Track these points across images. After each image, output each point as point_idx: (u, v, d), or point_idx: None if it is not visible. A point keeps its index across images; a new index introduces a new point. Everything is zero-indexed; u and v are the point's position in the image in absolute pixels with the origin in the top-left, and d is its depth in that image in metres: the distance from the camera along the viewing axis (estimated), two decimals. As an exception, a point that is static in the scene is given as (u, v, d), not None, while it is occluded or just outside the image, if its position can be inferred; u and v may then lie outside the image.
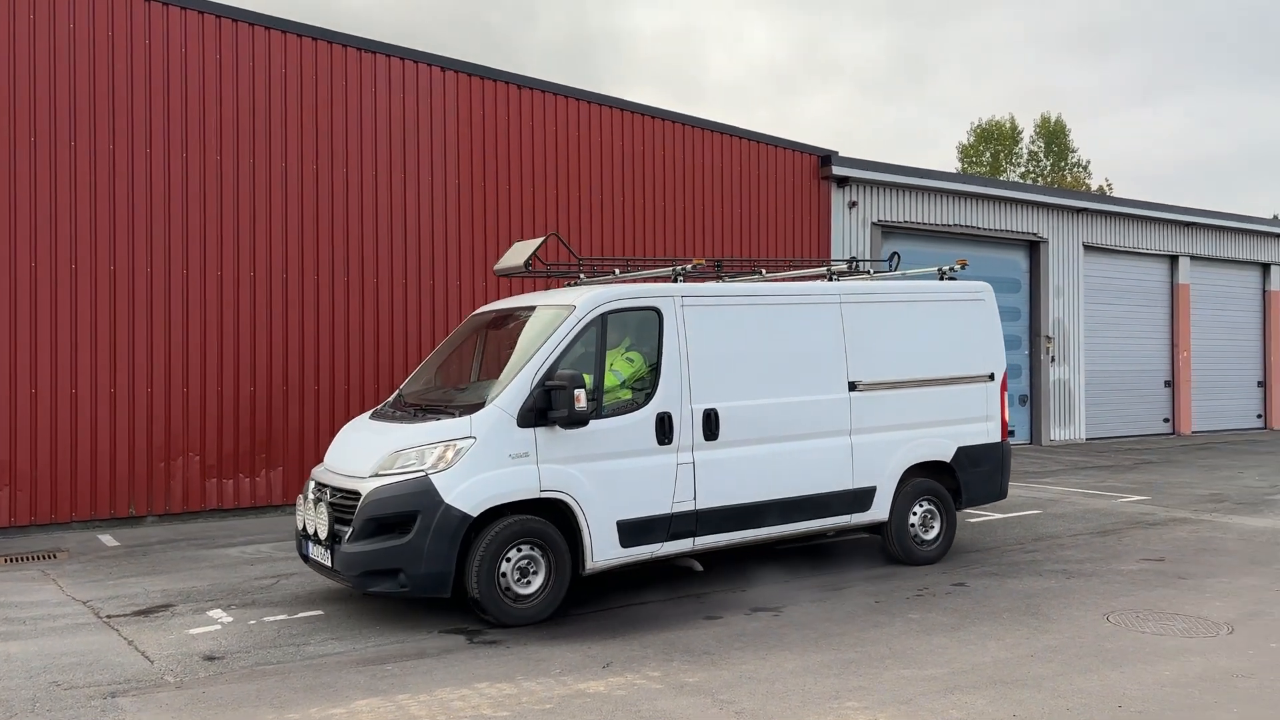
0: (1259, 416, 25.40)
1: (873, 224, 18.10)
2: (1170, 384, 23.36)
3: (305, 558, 7.62)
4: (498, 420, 7.04)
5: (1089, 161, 56.13)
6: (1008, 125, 55.02)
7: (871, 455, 8.68)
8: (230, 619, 7.34)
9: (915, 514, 9.07)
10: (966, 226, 19.57)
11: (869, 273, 9.98)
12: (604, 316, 7.59)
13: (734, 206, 16.21)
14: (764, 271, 9.88)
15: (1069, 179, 51.95)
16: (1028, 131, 55.58)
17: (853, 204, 17.73)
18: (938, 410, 9.17)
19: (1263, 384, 25.48)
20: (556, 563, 7.15)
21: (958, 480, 9.27)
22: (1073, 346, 21.20)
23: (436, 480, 6.84)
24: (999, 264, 20.55)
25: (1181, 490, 13.79)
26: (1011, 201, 20.37)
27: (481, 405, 7.14)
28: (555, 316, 7.61)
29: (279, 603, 7.80)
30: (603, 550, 7.32)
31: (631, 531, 7.44)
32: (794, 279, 9.67)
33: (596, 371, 7.44)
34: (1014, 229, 20.36)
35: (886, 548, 9.07)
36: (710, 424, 7.80)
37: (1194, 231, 23.65)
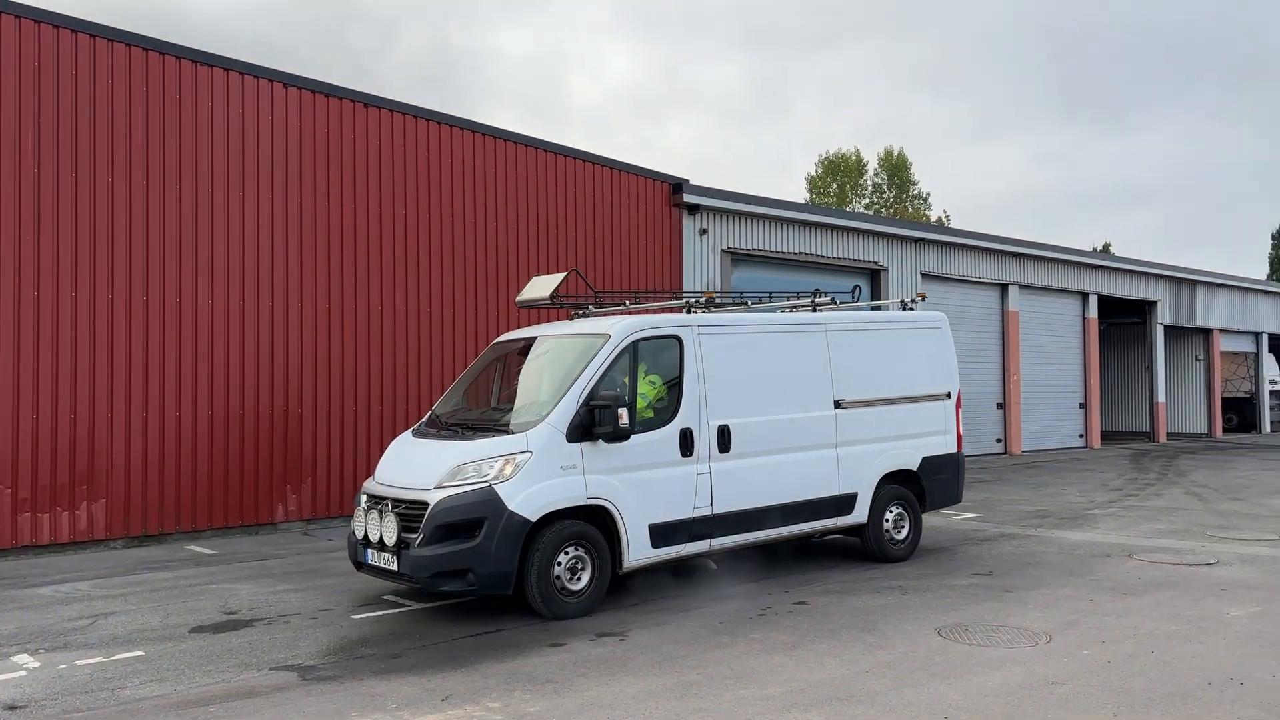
0: (1080, 436, 27.11)
1: (723, 251, 18.48)
2: (1002, 406, 24.66)
3: (360, 564, 8.31)
4: (550, 436, 7.92)
5: (929, 194, 59.08)
6: (853, 158, 57.33)
7: (853, 465, 9.83)
8: (37, 664, 6.82)
9: (889, 517, 10.21)
10: (812, 254, 20.23)
11: (834, 301, 10.99)
12: (635, 344, 8.56)
13: (588, 231, 16.28)
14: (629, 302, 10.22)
15: (910, 210, 54.48)
16: (872, 164, 58.07)
17: (703, 231, 18.07)
18: (906, 424, 10.38)
19: (1084, 405, 27.23)
20: (599, 562, 8.09)
21: (923, 486, 10.48)
22: (912, 370, 22.11)
23: (500, 490, 7.67)
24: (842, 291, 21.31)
25: (1011, 507, 14.52)
26: (854, 231, 21.18)
27: (534, 423, 8.00)
28: (591, 344, 8.51)
29: (95, 645, 7.30)
30: (637, 550, 8.29)
31: (660, 534, 8.42)
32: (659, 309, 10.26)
33: (630, 392, 8.37)
34: (857, 257, 21.16)
35: (865, 548, 10.18)
36: (724, 438, 8.81)
37: (1022, 261, 25.13)
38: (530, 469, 7.77)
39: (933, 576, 9.45)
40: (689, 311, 9.46)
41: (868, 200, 56.82)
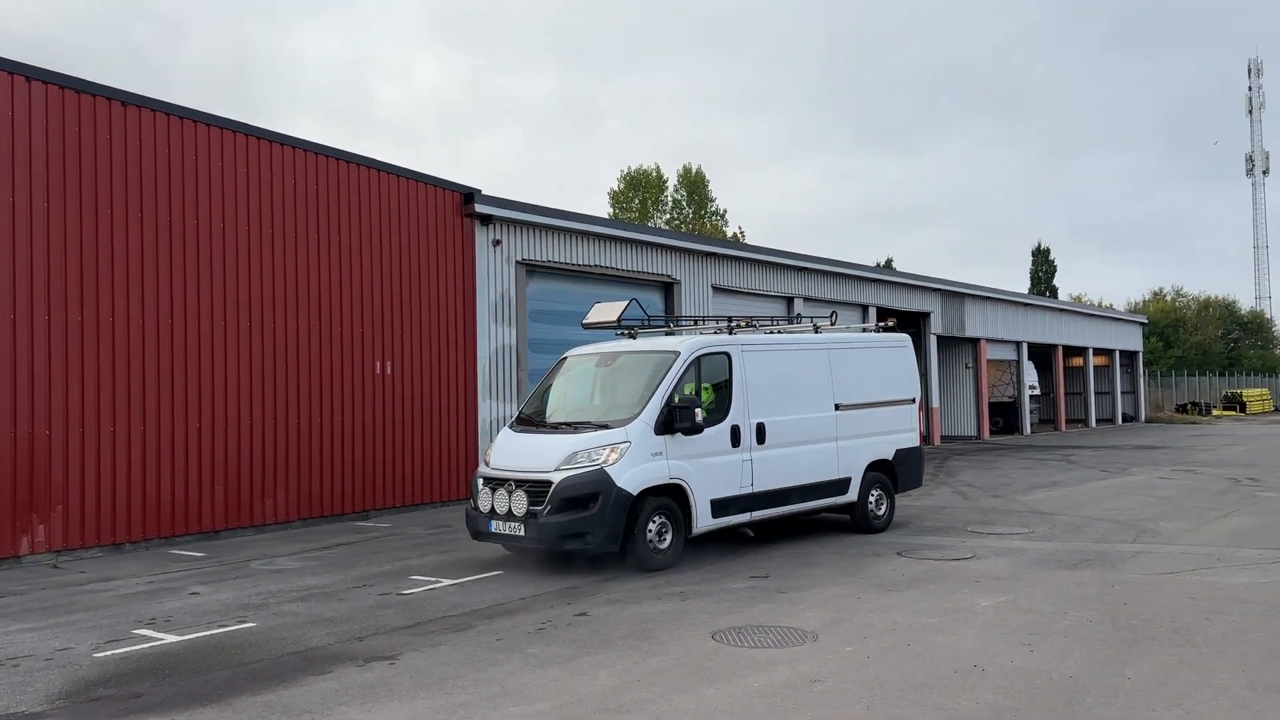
0: (864, 441, 28.48)
1: (517, 262, 18.32)
2: (791, 414, 25.58)
3: (480, 533, 10.39)
4: (643, 430, 10.13)
5: (726, 210, 60.92)
6: (654, 174, 58.44)
7: (848, 455, 12.30)
8: None
9: (872, 497, 12.63)
10: (607, 267, 20.37)
11: (816, 327, 13.09)
12: (699, 358, 10.89)
13: (376, 240, 15.76)
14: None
15: (709, 226, 56.02)
16: (673, 181, 59.39)
17: (497, 242, 17.85)
18: (883, 423, 12.90)
19: (867, 412, 28.61)
20: (677, 528, 10.32)
21: (895, 473, 13.03)
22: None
23: (610, 471, 9.82)
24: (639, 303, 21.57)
25: (794, 510, 15.00)
26: (649, 245, 21.48)
27: (629, 420, 10.18)
28: (666, 359, 10.79)
29: None
30: (703, 520, 10.58)
31: (718, 507, 10.74)
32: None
33: (696, 396, 10.65)
34: (652, 270, 21.47)
35: (855, 522, 12.54)
36: (761, 432, 11.18)
37: (808, 275, 26.22)
38: (630, 455, 9.97)
39: (713, 581, 9.59)
40: (731, 333, 11.98)
41: (668, 216, 58.06)
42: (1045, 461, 23.42)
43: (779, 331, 13.15)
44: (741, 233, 56.91)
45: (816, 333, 12.84)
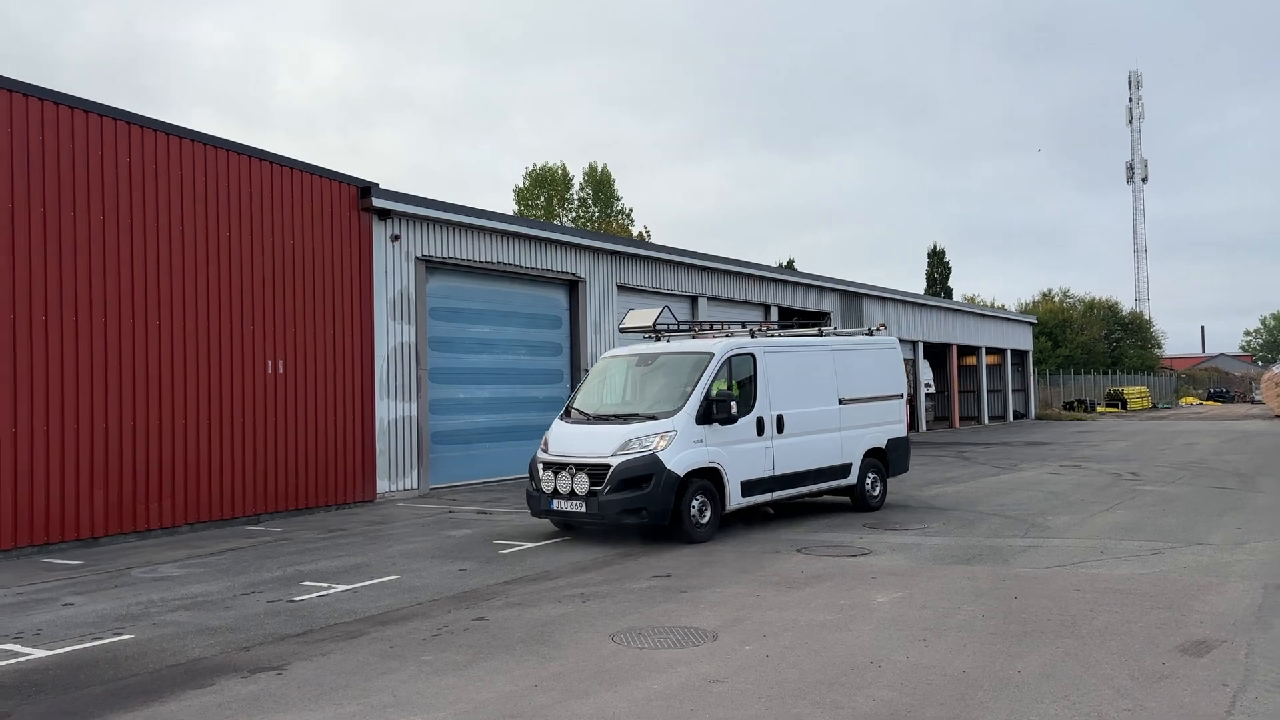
0: (767, 439, 28.80)
1: (417, 259, 17.95)
2: (695, 412, 25.71)
3: (542, 511, 12.00)
4: (686, 421, 11.69)
5: (631, 210, 61.01)
6: (560, 172, 58.13)
7: (850, 444, 14.03)
8: None
9: (869, 481, 14.28)
10: (512, 265, 20.12)
11: (820, 331, 15.13)
12: (730, 358, 12.49)
13: (268, 235, 15.24)
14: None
15: (614, 225, 55.98)
16: (578, 179, 59.16)
17: (395, 237, 17.46)
18: (877, 415, 14.60)
19: (769, 410, 28.96)
20: (713, 505, 11.84)
21: (887, 459, 14.71)
22: (610, 379, 22.56)
23: (661, 455, 11.35)
24: (541, 301, 21.39)
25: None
26: (554, 243, 21.30)
27: (674, 412, 11.74)
28: (702, 359, 12.33)
29: None
30: (734, 499, 12.16)
31: (747, 488, 12.34)
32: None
33: (741, 390, 12.44)
34: (555, 268, 21.30)
35: (854, 502, 14.26)
36: (780, 423, 12.83)
37: (712, 275, 26.37)
38: (676, 442, 11.51)
39: (614, 581, 9.51)
40: (753, 336, 13.64)
41: (574, 214, 57.84)
42: (941, 458, 24.01)
43: (792, 335, 15.03)
44: (647, 232, 57.05)
45: (821, 336, 14.85)
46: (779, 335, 14.41)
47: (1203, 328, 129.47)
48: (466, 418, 19.43)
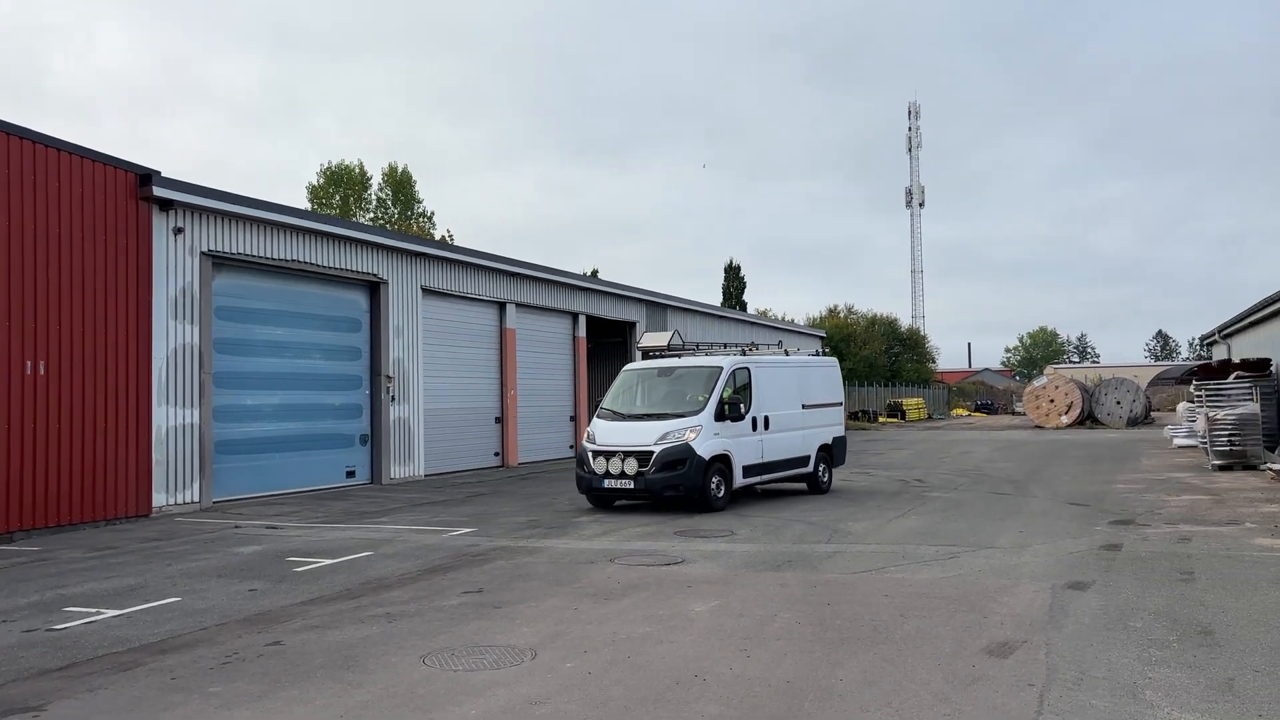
0: (571, 446, 28.68)
1: (203, 254, 16.66)
2: (500, 420, 25.25)
3: (593, 488, 15.33)
4: (708, 418, 15.08)
5: (433, 213, 59.64)
6: (357, 170, 56.10)
7: (809, 440, 17.62)
8: None
9: (821, 469, 17.92)
10: (309, 264, 19.04)
11: (786, 352, 18.74)
12: (734, 370, 15.93)
13: (29, 222, 13.71)
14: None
15: (415, 228, 54.50)
16: (377, 179, 57.28)
17: (178, 230, 16.13)
18: (826, 419, 18.40)
19: (574, 418, 28.86)
20: (726, 483, 15.26)
21: (833, 453, 18.47)
22: (412, 385, 21.79)
23: (692, 444, 14.76)
24: (340, 303, 20.38)
25: (505, 519, 14.65)
26: (355, 241, 20.34)
27: (698, 411, 15.13)
28: (715, 370, 15.77)
29: None
30: (738, 479, 15.56)
31: (747, 471, 15.78)
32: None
33: (738, 396, 15.77)
34: (356, 269, 20.34)
35: (810, 487, 17.79)
36: (767, 422, 16.29)
37: (520, 281, 25.99)
38: (702, 434, 14.89)
39: (423, 599, 9.00)
40: (744, 354, 17.18)
41: (372, 215, 55.94)
42: (741, 466, 24.53)
43: (769, 354, 18.36)
44: (450, 236, 55.89)
45: (788, 356, 18.33)
46: (761, 354, 17.82)
47: (969, 344, 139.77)
48: (255, 425, 18.19)
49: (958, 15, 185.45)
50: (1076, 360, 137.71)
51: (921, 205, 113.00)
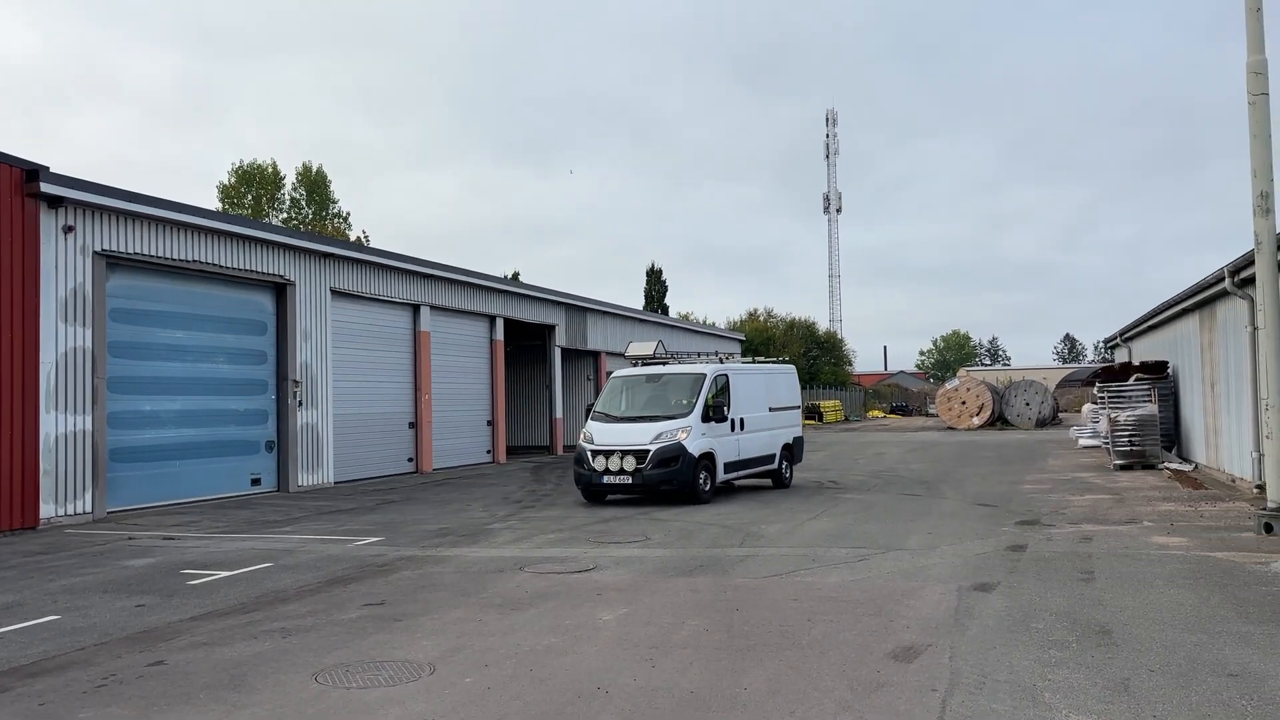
0: (488, 452, 28.31)
1: (96, 254, 15.94)
2: (414, 425, 24.75)
3: (591, 485, 16.84)
4: (695, 420, 16.71)
5: (349, 214, 58.45)
6: (270, 169, 54.76)
7: (774, 440, 19.35)
8: None
9: (784, 466, 19.65)
10: (211, 265, 18.39)
11: (754, 359, 22.34)
12: (715, 376, 17.58)
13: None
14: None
15: (330, 229, 53.37)
16: (291, 179, 55.94)
17: (68, 229, 15.40)
18: (788, 420, 20.24)
19: (491, 423, 28.48)
20: (711, 478, 16.92)
21: (793, 452, 20.27)
22: (321, 390, 21.22)
23: (684, 443, 16.42)
24: (245, 305, 19.75)
25: (416, 527, 14.29)
26: (259, 242, 19.71)
27: (687, 414, 16.77)
28: (699, 377, 17.49)
29: None
30: (721, 475, 17.25)
31: (728, 468, 17.52)
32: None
33: (720, 400, 17.48)
34: (261, 270, 19.72)
35: (775, 482, 19.49)
36: (742, 424, 18.02)
37: (435, 283, 25.54)
38: (692, 434, 16.49)
39: (320, 613, 8.66)
40: (721, 362, 18.66)
41: (286, 215, 54.64)
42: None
43: (742, 362, 21.15)
44: (366, 237, 54.87)
45: (755, 363, 20.92)
46: (735, 362, 19.87)
47: (885, 347, 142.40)
48: (154, 433, 17.49)
49: (874, 25, 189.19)
50: (988, 363, 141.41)
51: (839, 211, 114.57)
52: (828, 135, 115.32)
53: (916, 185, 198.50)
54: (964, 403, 49.90)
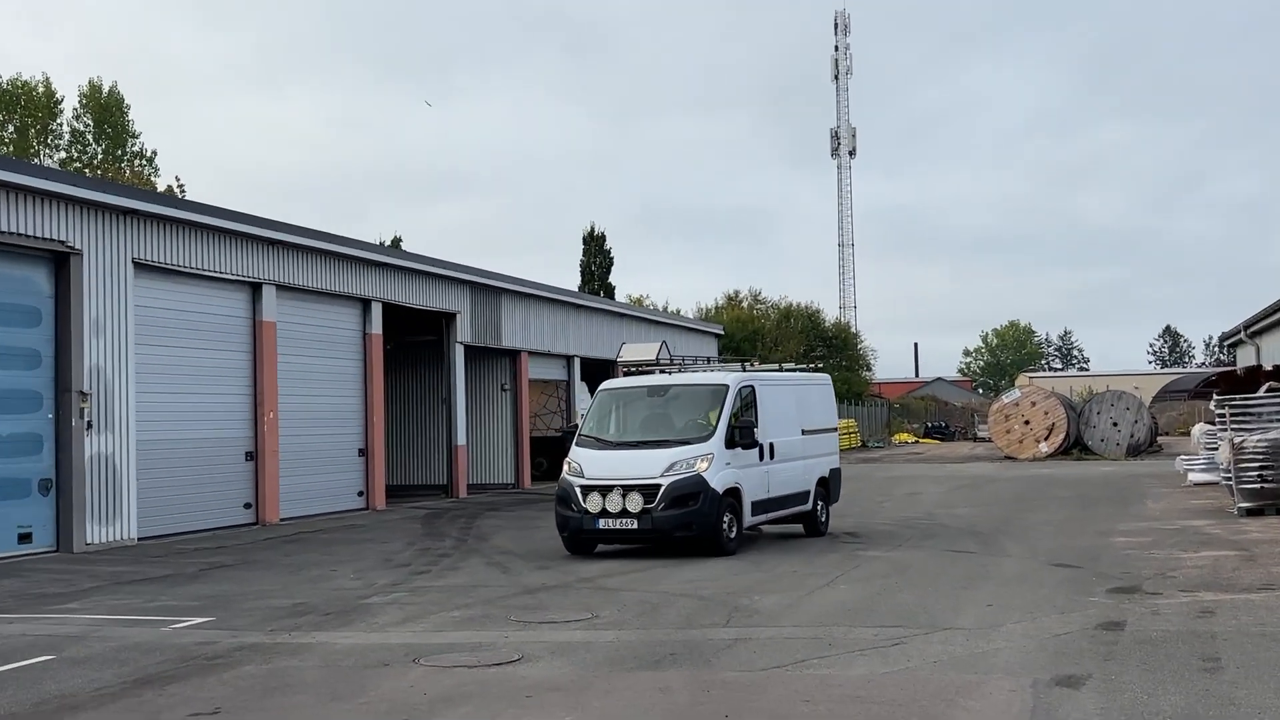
0: (361, 494, 28.18)
1: None
2: (254, 456, 24.53)
3: (582, 531, 17.74)
4: (718, 445, 17.70)
5: (157, 154, 57.88)
6: (41, 90, 54.14)
7: (809, 472, 20.35)
8: None
9: (818, 507, 20.44)
10: (-42, 223, 18.04)
11: (780, 366, 24.89)
12: (740, 389, 18.62)
13: None
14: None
15: (128, 174, 52.81)
16: (72, 102, 55.31)
17: None
18: (822, 446, 21.33)
19: (365, 453, 28.30)
20: (737, 522, 17.96)
21: (829, 489, 21.16)
22: (120, 406, 20.98)
23: (705, 475, 17.27)
24: (7, 285, 19.42)
25: (258, 602, 14.19)
26: (27, 191, 19.40)
27: (707, 437, 17.79)
28: (719, 390, 18.60)
29: None
30: (748, 518, 18.29)
31: (755, 508, 18.46)
32: None
33: (746, 419, 18.47)
34: (32, 233, 19.41)
35: (808, 529, 20.42)
36: (772, 450, 19.02)
37: (283, 253, 25.37)
38: (714, 464, 17.33)
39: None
40: (744, 370, 21.01)
41: (64, 155, 54.06)
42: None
43: (765, 369, 22.55)
44: (181, 187, 54.34)
45: (781, 371, 21.38)
46: (759, 370, 21.33)
47: (916, 345, 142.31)
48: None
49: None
50: (1059, 367, 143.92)
51: (852, 155, 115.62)
52: (836, 48, 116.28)
53: (958, 120, 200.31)
54: (1027, 422, 50.63)
